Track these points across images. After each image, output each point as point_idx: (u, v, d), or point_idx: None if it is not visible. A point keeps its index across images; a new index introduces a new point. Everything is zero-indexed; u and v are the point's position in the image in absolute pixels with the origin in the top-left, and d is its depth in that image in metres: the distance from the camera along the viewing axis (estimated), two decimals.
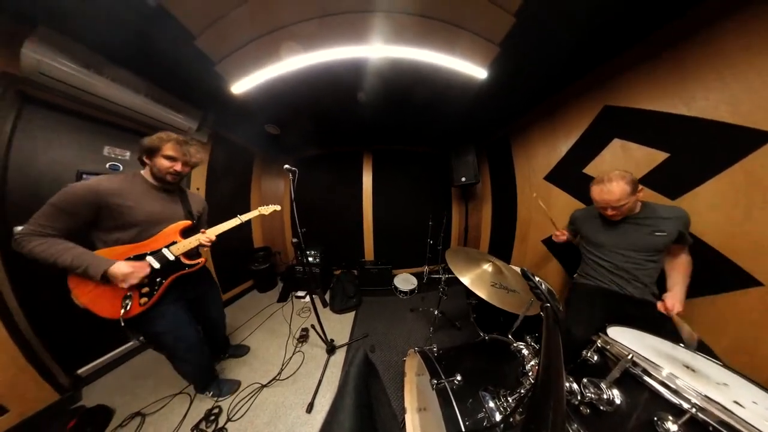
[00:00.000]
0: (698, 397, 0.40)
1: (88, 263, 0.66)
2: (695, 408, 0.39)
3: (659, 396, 0.43)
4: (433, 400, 0.64)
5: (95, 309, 0.69)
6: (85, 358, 1.15)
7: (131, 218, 0.74)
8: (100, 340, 1.21)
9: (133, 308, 0.73)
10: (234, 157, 2.14)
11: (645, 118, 1.03)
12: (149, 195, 0.79)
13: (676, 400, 0.41)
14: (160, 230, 0.79)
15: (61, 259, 0.64)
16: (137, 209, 0.74)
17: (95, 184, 0.70)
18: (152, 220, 0.78)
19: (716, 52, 0.82)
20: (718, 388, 0.44)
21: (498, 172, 2.16)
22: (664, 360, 0.49)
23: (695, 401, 0.39)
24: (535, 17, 0.84)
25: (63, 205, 0.66)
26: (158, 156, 0.78)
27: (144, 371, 1.19)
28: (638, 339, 0.58)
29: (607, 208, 0.82)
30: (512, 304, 0.79)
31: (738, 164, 0.78)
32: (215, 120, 1.68)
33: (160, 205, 0.81)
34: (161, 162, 0.78)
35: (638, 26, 0.93)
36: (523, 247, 1.85)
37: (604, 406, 0.48)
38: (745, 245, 0.77)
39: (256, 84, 1.21)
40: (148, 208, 0.77)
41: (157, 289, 0.77)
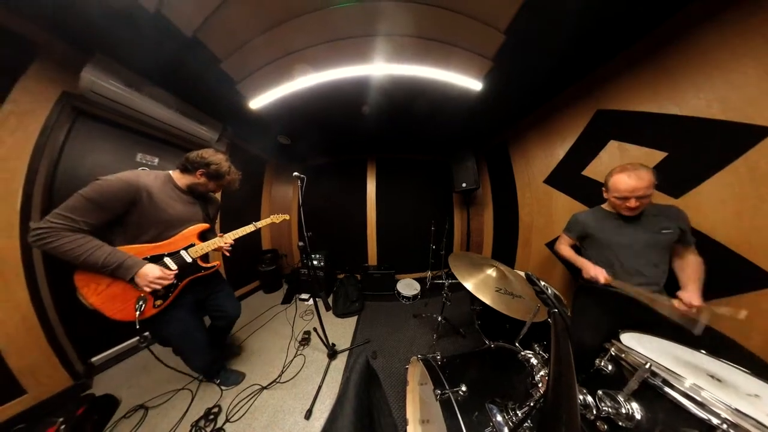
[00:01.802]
0: (728, 410, 0.35)
1: (119, 262, 0.63)
2: (726, 423, 0.35)
3: (683, 410, 0.38)
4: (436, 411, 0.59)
5: (106, 311, 0.66)
6: (99, 347, 1.18)
7: (157, 218, 0.71)
8: (114, 330, 1.23)
9: (147, 310, 0.71)
10: (248, 166, 2.26)
11: (639, 119, 1.03)
12: (175, 197, 0.79)
13: (704, 415, 0.36)
14: (179, 232, 0.78)
15: (92, 257, 0.60)
16: (164, 210, 0.73)
17: (134, 178, 0.67)
18: (174, 221, 0.77)
19: (702, 54, 0.83)
20: (749, 400, 0.39)
21: (498, 177, 2.16)
22: (686, 369, 0.45)
23: (725, 416, 0.35)
24: (524, 33, 0.89)
25: (99, 199, 0.61)
26: (214, 182, 0.84)
27: (151, 364, 1.16)
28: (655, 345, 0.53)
29: (630, 198, 0.74)
30: (518, 311, 0.74)
31: (740, 159, 0.75)
32: (234, 131, 1.87)
33: (182, 207, 0.80)
34: (210, 186, 0.84)
35: (622, 35, 0.96)
36: (527, 251, 1.79)
37: (623, 421, 0.43)
38: (759, 241, 0.72)
39: (271, 100, 1.34)
40: (171, 210, 0.76)
41: (173, 291, 0.76)
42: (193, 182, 0.82)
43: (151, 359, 1.15)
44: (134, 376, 1.11)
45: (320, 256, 2.10)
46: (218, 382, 1.04)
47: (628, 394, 0.44)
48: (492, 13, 0.84)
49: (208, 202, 0.93)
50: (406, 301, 1.97)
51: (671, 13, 0.86)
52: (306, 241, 1.13)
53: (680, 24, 0.86)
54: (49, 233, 0.57)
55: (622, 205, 0.79)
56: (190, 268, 0.80)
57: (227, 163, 0.86)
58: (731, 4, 0.75)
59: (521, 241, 1.85)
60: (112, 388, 1.02)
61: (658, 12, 0.86)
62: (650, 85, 0.98)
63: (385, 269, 2.17)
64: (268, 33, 0.93)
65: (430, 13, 0.85)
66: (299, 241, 1.12)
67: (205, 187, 0.84)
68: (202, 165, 0.81)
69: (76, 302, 1.03)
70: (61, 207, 0.60)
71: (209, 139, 1.62)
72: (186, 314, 0.83)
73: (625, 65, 1.05)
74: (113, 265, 0.63)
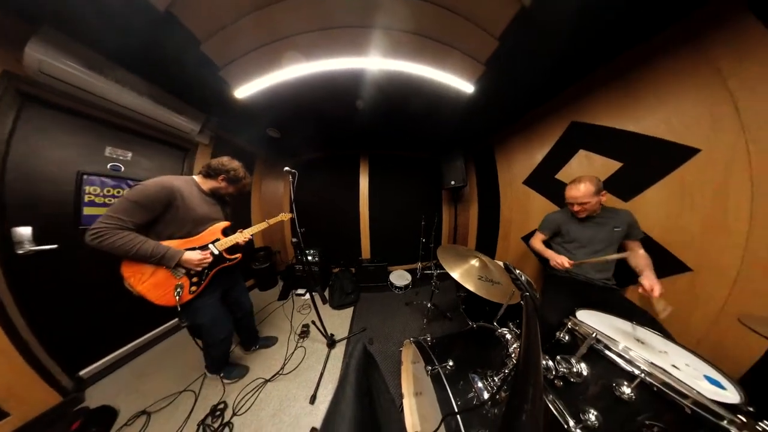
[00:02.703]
0: (645, 364, 0.46)
1: (164, 252, 0.74)
2: (644, 373, 0.45)
3: (617, 366, 0.48)
4: (428, 384, 0.67)
5: (151, 296, 0.74)
6: (87, 360, 1.10)
7: (189, 217, 0.81)
8: (102, 342, 1.15)
9: (184, 295, 0.79)
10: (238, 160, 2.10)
11: (604, 133, 1.14)
12: (202, 198, 0.88)
13: (630, 368, 0.47)
14: (206, 228, 0.88)
15: (141, 249, 0.69)
16: (194, 210, 0.82)
17: (169, 183, 0.76)
18: (202, 220, 0.86)
19: (657, 79, 0.94)
20: (660, 356, 0.50)
21: (483, 177, 2.27)
22: (620, 335, 0.56)
23: (644, 368, 0.45)
24: (515, 42, 0.91)
25: (143, 201, 0.71)
26: (233, 186, 0.94)
27: (148, 370, 1.14)
28: (601, 319, 0.64)
29: (574, 204, 0.93)
30: (496, 295, 0.83)
31: (674, 172, 0.90)
32: (218, 123, 1.64)
33: (208, 208, 0.90)
34: (229, 189, 0.94)
35: (599, 55, 1.04)
36: (506, 243, 1.95)
37: (574, 378, 0.53)
38: (680, 238, 0.90)
39: (258, 89, 1.20)
40: (200, 210, 0.85)
41: (205, 278, 0.85)
42: (216, 186, 0.92)
43: (148, 366, 1.15)
44: (131, 384, 1.07)
45: (315, 251, 2.08)
46: (222, 376, 1.06)
47: (579, 357, 0.54)
48: (488, 18, 0.84)
49: (225, 203, 1.01)
50: (398, 291, 2.06)
51: (631, 45, 0.96)
52: (300, 238, 1.11)
53: (643, 53, 0.96)
54: (105, 232, 0.65)
55: (571, 209, 0.97)
56: (217, 259, 0.89)
57: (243, 170, 0.96)
58: (681, 43, 0.86)
59: (501, 234, 2.01)
60: (109, 399, 0.97)
61: (623, 42, 0.95)
62: (618, 103, 1.08)
63: (378, 262, 2.22)
64: (255, 13, 0.82)
65: (429, 11, 0.81)
66: (293, 237, 1.12)
67: (226, 190, 0.94)
68: (223, 171, 0.91)
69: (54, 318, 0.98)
70: (111, 209, 0.68)
71: (190, 131, 1.44)
72: (216, 302, 0.92)
73: (599, 83, 1.13)
74: (159, 255, 0.72)
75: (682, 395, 0.41)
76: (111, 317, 1.18)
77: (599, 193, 0.89)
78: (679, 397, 0.41)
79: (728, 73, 0.77)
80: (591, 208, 0.91)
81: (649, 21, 0.85)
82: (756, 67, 0.72)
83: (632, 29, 0.88)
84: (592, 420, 0.49)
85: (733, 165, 0.77)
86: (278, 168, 1.36)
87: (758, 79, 0.72)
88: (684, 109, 0.87)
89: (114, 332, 1.20)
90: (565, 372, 0.54)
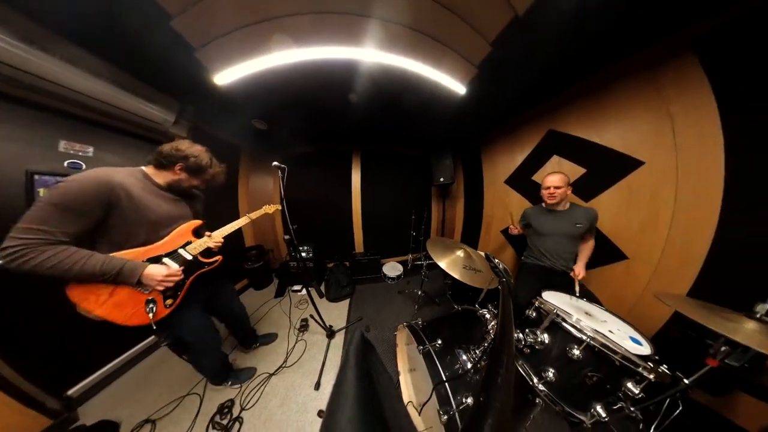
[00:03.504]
0: (591, 331, 0.56)
1: (119, 267, 0.56)
2: (589, 338, 0.55)
3: (571, 334, 0.59)
4: (420, 361, 0.75)
5: (117, 319, 0.59)
6: (74, 378, 0.99)
7: (142, 219, 0.63)
8: (89, 358, 1.04)
9: (159, 311, 0.65)
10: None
11: (575, 142, 1.26)
12: (157, 195, 0.68)
13: (580, 335, 0.57)
14: (172, 231, 0.71)
15: (86, 266, 0.52)
16: (148, 210, 0.64)
17: (105, 175, 0.56)
18: (163, 221, 0.69)
19: (619, 98, 1.07)
20: (601, 324, 0.62)
21: (470, 175, 2.37)
22: (574, 310, 0.67)
23: (590, 334, 0.56)
24: (506, 50, 0.92)
25: (71, 204, 0.51)
26: (197, 177, 0.74)
27: (145, 380, 1.08)
28: (561, 299, 0.76)
29: (550, 188, 1.05)
30: (478, 281, 0.92)
31: (623, 180, 1.06)
32: (196, 113, 1.42)
33: (169, 206, 0.71)
34: (193, 181, 0.74)
35: (575, 72, 1.13)
36: (487, 236, 2.11)
37: (538, 345, 0.63)
38: (623, 234, 1.07)
39: (242, 75, 1.04)
40: (158, 210, 0.67)
41: (181, 290, 0.71)
42: (173, 179, 0.71)
43: (145, 376, 1.07)
44: (130, 395, 0.99)
45: (308, 247, 2.06)
46: (230, 384, 1.00)
47: (543, 329, 0.64)
48: (484, 22, 0.83)
49: (194, 198, 0.83)
50: (391, 282, 2.14)
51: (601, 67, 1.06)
52: (292, 234, 1.08)
53: (610, 75, 1.06)
54: (24, 250, 0.47)
55: (545, 194, 1.08)
56: (193, 266, 0.74)
57: (207, 154, 0.75)
58: (640, 69, 0.97)
59: (484, 228, 2.16)
60: (107, 413, 0.91)
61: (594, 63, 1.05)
62: (587, 116, 1.20)
63: (371, 255, 2.27)
64: None
65: (428, 7, 0.78)
66: (285, 234, 1.08)
67: (188, 182, 0.73)
68: (179, 159, 0.69)
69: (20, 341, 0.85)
70: (25, 220, 0.49)
71: (162, 121, 1.22)
72: (198, 312, 0.79)
73: (574, 97, 1.23)
74: (113, 272, 0.56)
75: (614, 352, 0.52)
76: (92, 331, 1.02)
77: (567, 185, 1.06)
78: (612, 354, 0.52)
79: (671, 100, 0.90)
80: (560, 194, 1.04)
81: (616, 48, 0.94)
82: (689, 98, 0.85)
83: (602, 53, 0.97)
84: (551, 377, 0.60)
85: (665, 178, 0.93)
86: (266, 163, 1.18)
87: (690, 108, 0.85)
88: (636, 126, 1.01)
89: (100, 346, 1.09)
90: (531, 341, 0.64)
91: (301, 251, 2.00)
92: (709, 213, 0.81)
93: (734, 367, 0.56)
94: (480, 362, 0.66)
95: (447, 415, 0.57)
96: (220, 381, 0.99)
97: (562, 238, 1.05)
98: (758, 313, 0.53)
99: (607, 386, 0.55)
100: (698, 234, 0.84)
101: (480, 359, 0.66)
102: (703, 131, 0.82)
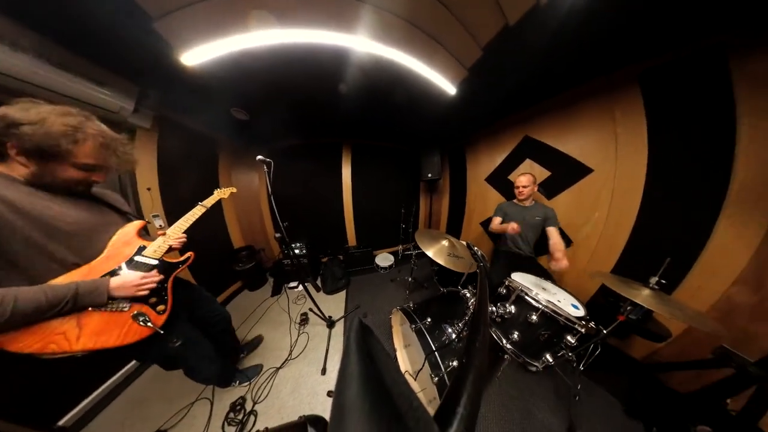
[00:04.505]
0: (545, 301, 0.70)
1: (72, 292, 0.43)
2: (543, 307, 0.69)
3: (531, 305, 0.72)
4: (413, 338, 0.85)
5: (107, 343, 0.48)
6: (63, 408, 0.87)
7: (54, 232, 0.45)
8: (75, 384, 0.91)
9: (156, 319, 0.58)
10: (193, 148, 1.62)
11: (544, 148, 1.42)
12: (47, 199, 0.47)
13: (537, 305, 0.71)
14: (109, 239, 0.56)
15: (19, 307, 0.38)
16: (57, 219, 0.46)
17: None
18: (83, 231, 0.51)
19: (582, 114, 1.22)
20: (553, 295, 0.77)
21: (455, 172, 2.49)
22: (534, 286, 0.81)
23: (544, 304, 0.70)
24: (496, 56, 0.94)
25: None
26: (60, 160, 0.44)
27: (143, 399, 0.99)
28: (525, 278, 0.90)
29: (519, 187, 1.23)
30: (460, 266, 1.02)
31: (576, 184, 1.26)
32: (161, 99, 1.17)
33: (77, 213, 0.51)
34: (69, 173, 0.46)
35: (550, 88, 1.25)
36: (469, 227, 2.30)
37: (507, 315, 0.76)
38: (573, 225, 1.29)
39: (216, 56, 0.87)
40: (68, 218, 0.48)
41: (165, 293, 0.62)
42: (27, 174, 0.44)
43: (144, 392, 0.98)
44: (133, 413, 0.92)
45: (301, 244, 2.02)
46: (237, 383, 0.97)
47: (510, 302, 0.77)
48: (477, 25, 0.81)
49: (107, 198, 0.63)
50: (383, 271, 2.24)
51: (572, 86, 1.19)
52: (283, 232, 1.02)
53: (577, 93, 1.21)
54: None
55: (516, 192, 1.26)
56: (165, 270, 0.63)
57: (64, 118, 0.43)
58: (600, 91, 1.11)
59: (466, 220, 2.34)
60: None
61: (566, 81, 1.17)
62: (556, 127, 1.35)
63: (364, 248, 2.31)
64: None
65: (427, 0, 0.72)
66: (276, 233, 1.00)
67: (52, 177, 0.45)
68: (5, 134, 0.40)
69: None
70: None
71: (118, 109, 0.99)
72: (183, 324, 0.71)
73: (548, 109, 1.37)
74: (67, 297, 0.42)
75: (560, 315, 0.67)
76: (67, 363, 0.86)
77: (534, 185, 1.24)
78: (558, 317, 0.67)
79: (618, 122, 1.07)
80: (528, 192, 1.22)
81: (582, 72, 1.06)
82: (630, 122, 1.02)
83: (571, 75, 1.09)
84: (515, 338, 0.74)
85: (605, 184, 1.13)
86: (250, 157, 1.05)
87: (630, 129, 1.03)
88: (591, 140, 1.19)
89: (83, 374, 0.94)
90: (502, 312, 0.77)
91: (294, 248, 1.96)
92: (631, 212, 1.04)
93: (633, 320, 0.76)
94: (462, 333, 0.78)
95: (437, 377, 0.69)
96: (226, 382, 0.96)
97: (526, 228, 1.23)
98: (651, 283, 0.70)
99: (554, 340, 0.71)
100: (622, 227, 1.07)
101: (462, 330, 0.78)
102: (636, 149, 1.01)
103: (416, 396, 0.17)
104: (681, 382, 0.87)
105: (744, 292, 0.77)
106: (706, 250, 0.84)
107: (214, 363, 0.83)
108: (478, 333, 0.28)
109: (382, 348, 0.23)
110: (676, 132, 0.91)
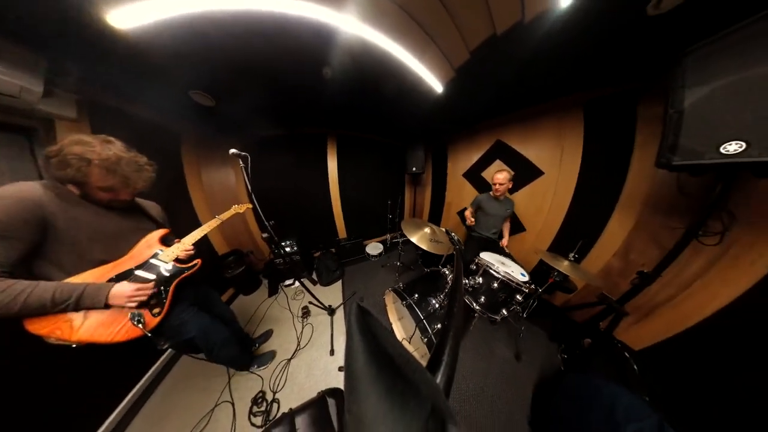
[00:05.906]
0: (503, 273, 0.89)
1: (78, 293, 0.48)
2: (502, 276, 0.88)
3: (494, 276, 0.91)
4: (405, 312, 0.99)
5: (102, 338, 0.52)
6: None
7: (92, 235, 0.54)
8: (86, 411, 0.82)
9: (149, 321, 0.60)
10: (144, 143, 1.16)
11: (511, 151, 1.61)
12: (94, 208, 0.56)
13: (498, 276, 0.89)
14: (135, 243, 0.63)
15: (31, 300, 0.43)
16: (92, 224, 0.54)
17: (30, 191, 0.46)
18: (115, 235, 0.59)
19: (543, 126, 1.40)
20: (509, 268, 0.97)
21: (437, 167, 2.61)
22: (496, 262, 1.00)
23: (502, 275, 0.88)
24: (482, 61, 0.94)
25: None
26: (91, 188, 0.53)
27: (164, 412, 0.93)
28: (491, 256, 1.09)
29: (496, 184, 1.34)
30: (440, 249, 1.16)
31: (530, 184, 1.50)
32: (85, 77, 0.81)
33: (117, 218, 0.60)
34: (99, 195, 0.54)
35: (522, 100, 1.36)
36: (447, 216, 2.53)
37: (476, 285, 0.95)
38: (526, 215, 1.55)
39: (159, 17, 0.60)
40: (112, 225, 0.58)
41: (165, 297, 0.65)
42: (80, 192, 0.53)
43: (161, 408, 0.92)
44: (153, 428, 0.87)
45: (291, 241, 1.93)
46: (256, 367, 1.01)
47: (478, 275, 0.95)
48: (468, 27, 0.79)
49: (145, 205, 0.71)
50: (374, 259, 2.35)
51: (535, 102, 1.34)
52: (270, 231, 0.96)
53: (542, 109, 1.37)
54: None
55: (494, 187, 1.39)
56: (172, 273, 0.68)
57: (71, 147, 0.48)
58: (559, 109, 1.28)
59: (445, 210, 2.56)
60: None
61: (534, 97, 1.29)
62: (522, 134, 1.53)
63: (354, 239, 2.36)
64: None
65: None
66: (262, 233, 0.93)
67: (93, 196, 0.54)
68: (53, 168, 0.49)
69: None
70: None
71: (18, 91, 0.63)
72: (195, 313, 0.75)
73: (517, 119, 1.53)
74: (71, 299, 0.48)
75: (513, 281, 0.87)
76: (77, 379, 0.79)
77: (509, 182, 1.37)
78: (512, 282, 0.87)
79: (565, 137, 1.29)
80: (503, 189, 1.34)
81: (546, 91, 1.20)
82: (573, 138, 1.26)
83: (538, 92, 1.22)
84: (482, 301, 0.94)
85: (551, 184, 1.39)
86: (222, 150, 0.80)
87: (572, 143, 1.26)
88: (546, 147, 1.40)
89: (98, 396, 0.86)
90: (473, 283, 0.95)
91: (284, 246, 1.85)
92: (564, 206, 1.34)
93: (558, 280, 1.03)
94: (443, 302, 0.94)
95: (426, 338, 0.84)
96: (245, 366, 0.99)
97: (498, 218, 1.44)
98: (569, 258, 1.00)
99: (508, 299, 0.92)
100: (558, 217, 1.38)
101: (443, 300, 0.95)
102: (573, 159, 1.26)
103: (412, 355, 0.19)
104: (579, 316, 1.25)
105: (617, 260, 1.11)
106: (603, 235, 1.16)
107: (233, 345, 0.88)
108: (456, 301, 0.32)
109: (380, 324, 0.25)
110: (599, 150, 1.18)
